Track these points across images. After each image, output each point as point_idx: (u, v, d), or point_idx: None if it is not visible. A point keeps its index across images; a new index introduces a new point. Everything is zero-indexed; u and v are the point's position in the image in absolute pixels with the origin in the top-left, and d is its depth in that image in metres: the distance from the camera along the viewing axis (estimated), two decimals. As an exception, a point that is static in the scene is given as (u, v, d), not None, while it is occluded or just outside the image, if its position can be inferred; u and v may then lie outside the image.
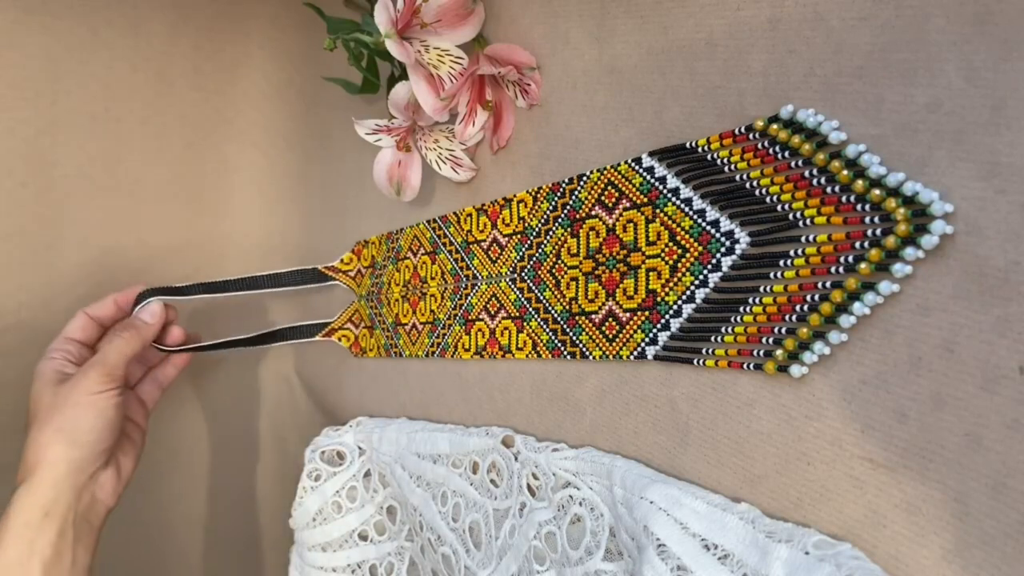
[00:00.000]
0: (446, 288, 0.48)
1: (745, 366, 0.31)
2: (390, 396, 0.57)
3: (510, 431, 0.44)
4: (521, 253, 0.43)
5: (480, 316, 0.45)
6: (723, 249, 0.31)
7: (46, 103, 0.62)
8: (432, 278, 0.50)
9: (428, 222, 0.50)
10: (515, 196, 0.43)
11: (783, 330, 0.29)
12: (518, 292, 0.43)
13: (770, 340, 0.30)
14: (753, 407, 0.31)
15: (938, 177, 0.25)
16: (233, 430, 0.78)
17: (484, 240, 0.45)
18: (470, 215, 0.46)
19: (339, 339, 0.60)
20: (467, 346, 0.47)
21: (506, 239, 0.44)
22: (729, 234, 0.31)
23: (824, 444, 0.28)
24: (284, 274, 0.60)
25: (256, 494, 0.79)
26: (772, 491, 0.30)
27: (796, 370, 0.29)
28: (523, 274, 0.43)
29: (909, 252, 0.25)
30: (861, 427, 0.27)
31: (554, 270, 0.40)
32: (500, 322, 0.44)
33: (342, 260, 0.59)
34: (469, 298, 0.46)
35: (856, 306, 0.26)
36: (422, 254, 0.51)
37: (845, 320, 0.27)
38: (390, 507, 0.54)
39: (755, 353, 0.30)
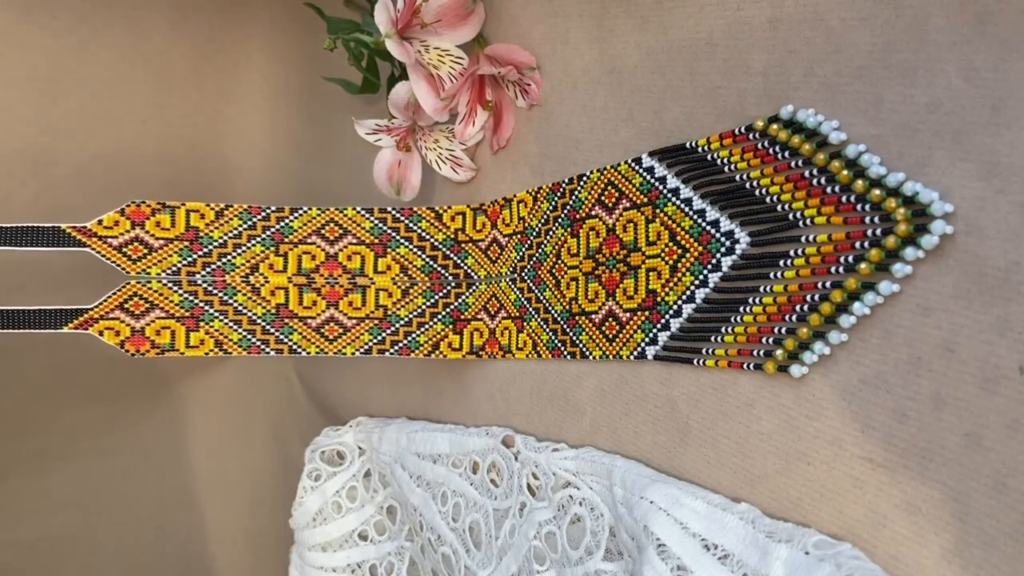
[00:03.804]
0: (412, 284, 0.46)
1: (745, 366, 0.31)
2: (390, 396, 0.57)
3: (510, 431, 0.44)
4: (521, 253, 0.43)
5: (478, 316, 0.45)
6: (723, 249, 0.31)
7: (46, 103, 0.62)
8: (380, 272, 0.46)
9: (365, 210, 0.46)
10: (515, 196, 0.43)
11: (783, 330, 0.29)
12: (518, 292, 0.43)
13: (770, 340, 0.30)
14: (753, 407, 0.31)
15: (938, 177, 0.25)
16: (233, 430, 0.78)
17: (482, 240, 0.45)
18: (461, 213, 0.46)
19: (100, 332, 0.44)
20: (456, 345, 0.46)
21: (506, 239, 0.44)
22: (729, 234, 0.31)
23: (824, 444, 0.28)
24: (9, 229, 0.44)
25: (256, 494, 0.79)
26: (772, 491, 0.30)
27: (796, 370, 0.29)
28: (523, 274, 0.43)
29: (909, 252, 0.25)
30: (861, 427, 0.27)
31: (554, 270, 0.40)
32: (500, 322, 0.44)
33: (101, 222, 0.44)
34: (463, 298, 0.46)
35: (856, 306, 0.26)
36: (351, 243, 0.46)
37: (845, 320, 0.27)
38: (390, 507, 0.54)
39: (755, 353, 0.30)
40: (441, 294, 0.46)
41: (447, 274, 0.46)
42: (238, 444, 0.78)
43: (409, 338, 0.46)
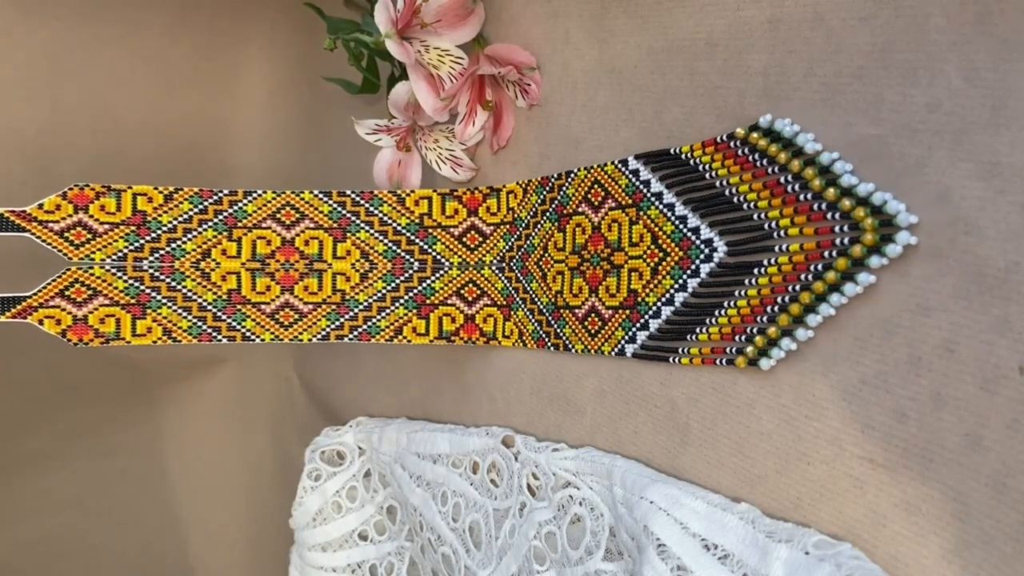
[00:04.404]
0: (371, 269, 0.45)
1: (718, 362, 0.32)
2: (390, 396, 0.57)
3: (510, 431, 0.44)
4: (510, 243, 0.43)
5: (449, 301, 0.45)
6: (702, 256, 0.33)
7: (46, 103, 0.62)
8: (339, 257, 0.45)
9: (323, 193, 0.45)
10: (504, 186, 0.44)
11: (754, 330, 0.30)
12: (505, 281, 0.44)
13: (742, 338, 0.31)
14: (753, 407, 0.31)
15: (938, 177, 0.25)
16: (233, 430, 0.78)
17: (455, 226, 0.44)
18: (427, 198, 0.45)
19: (40, 321, 0.42)
20: (421, 330, 0.45)
21: (491, 228, 0.44)
22: (708, 242, 0.32)
23: (824, 444, 0.28)
24: None
25: (256, 494, 0.79)
26: (772, 491, 0.30)
27: (764, 363, 0.30)
28: (511, 264, 0.43)
29: (874, 260, 0.26)
30: (861, 427, 0.27)
31: (541, 262, 0.41)
32: (482, 309, 0.44)
33: (41, 206, 0.42)
34: (428, 282, 0.45)
35: (823, 307, 0.28)
36: (309, 228, 0.44)
37: (812, 319, 0.28)
38: (390, 507, 0.54)
39: (727, 350, 0.32)
40: (403, 278, 0.45)
41: (412, 260, 0.45)
42: (238, 444, 0.78)
43: (369, 323, 0.45)
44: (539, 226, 0.41)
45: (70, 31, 0.62)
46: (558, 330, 0.40)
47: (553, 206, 0.40)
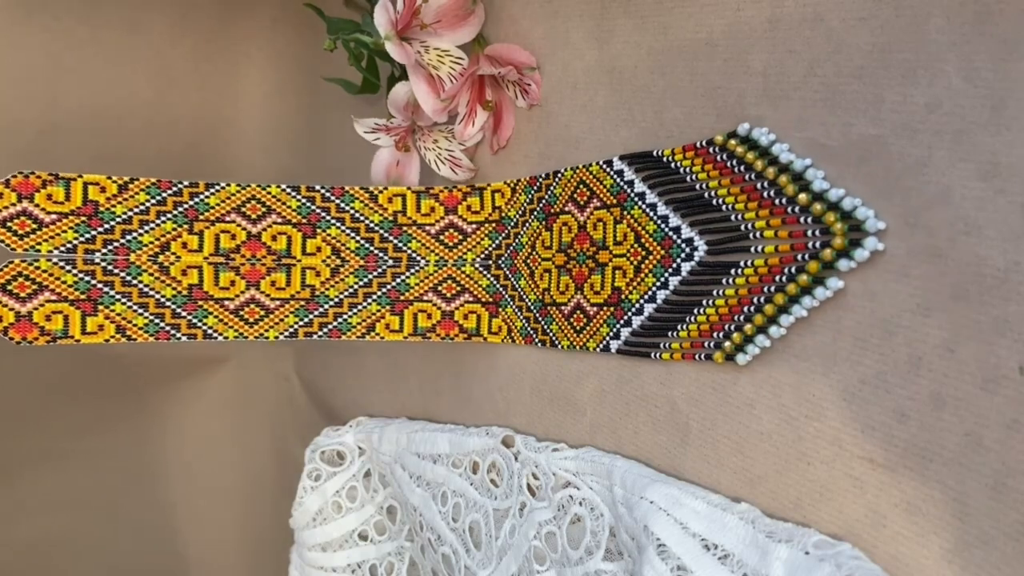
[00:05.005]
0: (342, 265, 0.44)
1: (697, 357, 0.33)
2: (390, 396, 0.57)
3: (510, 431, 0.44)
4: (497, 241, 0.44)
5: (424, 297, 0.44)
6: (683, 255, 0.33)
7: (46, 103, 0.62)
8: (309, 254, 0.43)
9: (291, 188, 0.43)
10: (488, 185, 0.44)
11: (732, 327, 0.31)
12: (492, 279, 0.44)
13: (720, 335, 0.32)
14: (753, 407, 0.31)
15: (938, 177, 0.25)
16: (233, 430, 0.78)
17: (431, 224, 0.44)
18: (400, 195, 0.44)
19: None
20: (395, 327, 0.44)
21: (473, 226, 0.44)
22: (689, 241, 0.33)
23: (824, 444, 0.28)
24: None
25: (256, 494, 0.79)
26: (772, 491, 0.30)
27: (741, 358, 0.31)
28: (499, 262, 0.44)
29: (843, 264, 0.27)
30: (861, 427, 0.27)
31: (528, 260, 0.42)
32: (462, 305, 0.44)
33: None
34: (402, 278, 0.44)
35: (795, 308, 0.29)
36: (276, 223, 0.43)
37: (785, 319, 0.29)
38: (390, 507, 0.54)
39: (705, 344, 0.32)
40: (375, 274, 0.44)
41: (386, 256, 0.44)
42: (238, 444, 0.78)
43: (340, 320, 0.43)
44: (527, 225, 0.42)
45: (70, 31, 0.62)
46: (545, 326, 0.41)
47: (541, 205, 0.41)
